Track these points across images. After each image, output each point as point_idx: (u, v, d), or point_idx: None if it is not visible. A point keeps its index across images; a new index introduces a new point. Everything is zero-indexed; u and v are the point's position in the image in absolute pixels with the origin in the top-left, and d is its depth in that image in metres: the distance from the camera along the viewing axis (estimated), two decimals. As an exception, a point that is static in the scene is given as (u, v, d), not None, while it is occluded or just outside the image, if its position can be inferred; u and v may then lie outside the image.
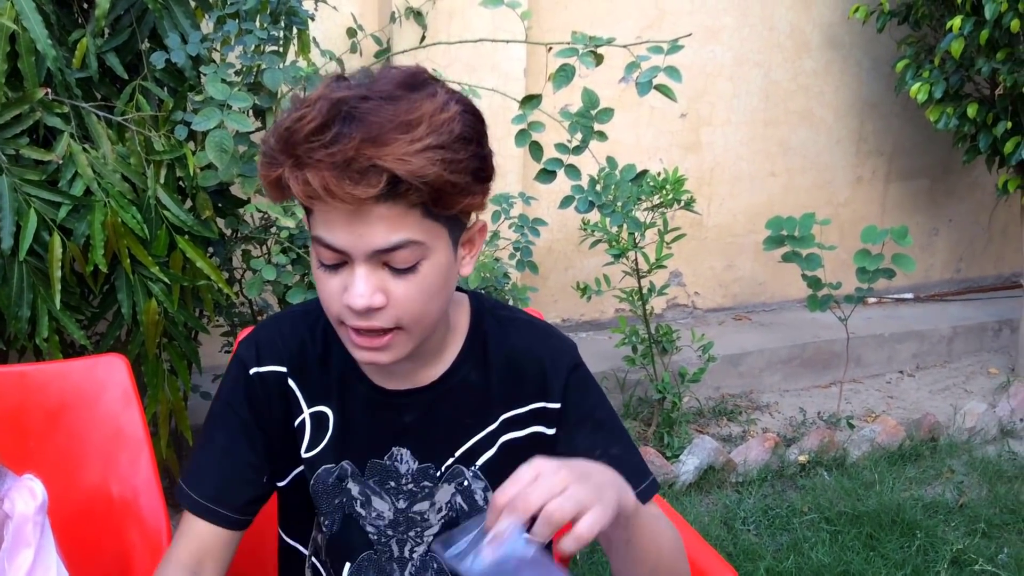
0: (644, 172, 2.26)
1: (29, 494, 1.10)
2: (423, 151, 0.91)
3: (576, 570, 2.31)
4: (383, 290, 0.98)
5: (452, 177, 0.93)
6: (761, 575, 2.41)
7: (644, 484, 1.15)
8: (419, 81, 0.96)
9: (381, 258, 0.96)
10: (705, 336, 3.25)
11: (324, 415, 1.15)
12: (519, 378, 1.15)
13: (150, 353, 2.14)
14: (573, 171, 2.13)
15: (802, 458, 3.01)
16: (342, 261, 0.98)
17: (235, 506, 1.14)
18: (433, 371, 1.14)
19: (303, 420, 1.15)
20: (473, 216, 1.05)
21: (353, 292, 0.97)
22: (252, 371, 1.14)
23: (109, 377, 1.53)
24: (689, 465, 2.89)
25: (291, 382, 1.15)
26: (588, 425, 1.16)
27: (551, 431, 1.16)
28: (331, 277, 0.99)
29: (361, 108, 0.91)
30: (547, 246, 3.57)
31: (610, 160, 2.20)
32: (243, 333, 1.54)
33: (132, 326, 2.14)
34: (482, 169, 0.98)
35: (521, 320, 1.20)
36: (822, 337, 3.75)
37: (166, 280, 2.07)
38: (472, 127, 0.97)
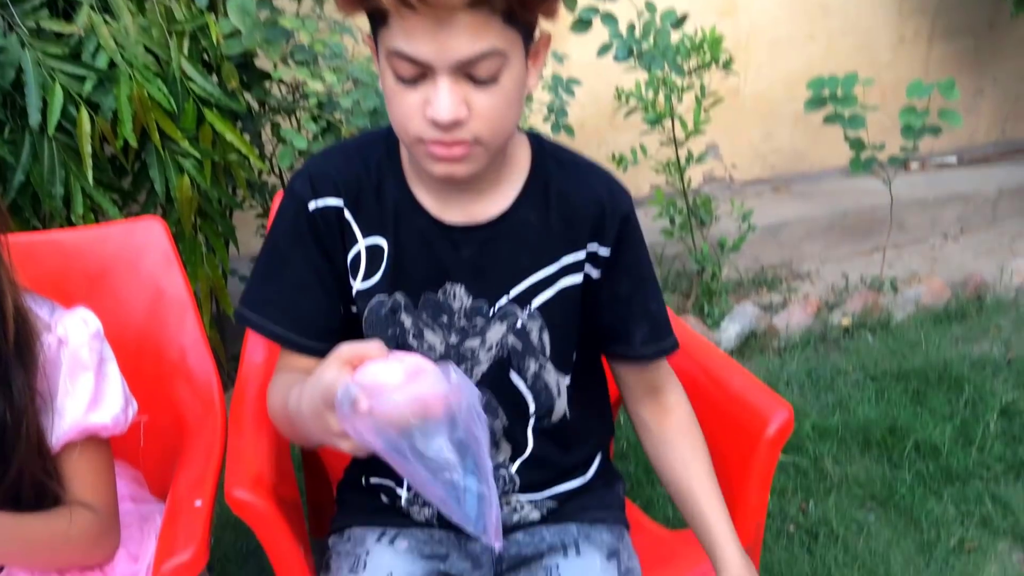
0: (685, 17, 2.16)
1: (82, 322, 1.11)
2: None
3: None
4: (466, 102, 0.97)
5: None
6: (807, 431, 2.40)
7: (666, 343, 1.22)
8: None
9: (464, 69, 0.95)
10: (744, 205, 3.18)
11: (379, 247, 1.13)
12: (578, 220, 1.14)
13: (186, 230, 2.13)
14: (609, 19, 2.05)
15: (845, 321, 2.98)
16: (421, 74, 0.96)
17: (319, 337, 1.14)
18: (492, 208, 1.12)
19: (359, 252, 1.14)
20: (538, 29, 1.03)
21: (438, 105, 0.95)
22: (311, 206, 1.12)
23: (148, 240, 1.53)
24: (730, 331, 2.87)
25: (347, 214, 1.13)
26: (632, 276, 1.17)
27: (596, 275, 1.16)
28: (409, 92, 0.97)
29: None
30: (579, 121, 3.46)
31: (649, 5, 2.11)
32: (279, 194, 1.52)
33: (166, 204, 2.13)
34: None
35: (582, 163, 1.18)
36: (863, 203, 3.65)
37: (197, 155, 2.05)
38: None
